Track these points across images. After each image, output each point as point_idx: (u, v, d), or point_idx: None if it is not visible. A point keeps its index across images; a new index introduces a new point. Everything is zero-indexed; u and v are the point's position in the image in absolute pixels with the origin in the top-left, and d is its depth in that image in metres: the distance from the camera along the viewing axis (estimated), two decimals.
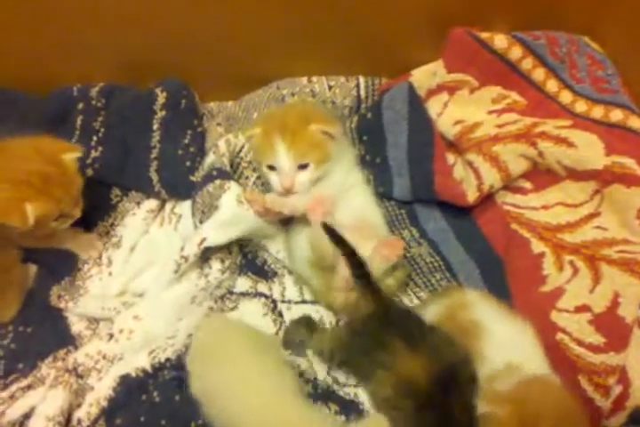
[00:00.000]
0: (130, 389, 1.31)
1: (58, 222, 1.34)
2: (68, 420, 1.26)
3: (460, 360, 1.15)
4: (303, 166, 1.36)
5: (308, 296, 1.46)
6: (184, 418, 1.25)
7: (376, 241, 1.36)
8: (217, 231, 1.38)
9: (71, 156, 1.33)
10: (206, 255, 1.42)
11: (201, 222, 1.43)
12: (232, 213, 1.38)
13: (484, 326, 1.20)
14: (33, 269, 1.50)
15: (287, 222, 1.50)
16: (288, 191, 1.38)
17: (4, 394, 1.31)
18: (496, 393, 1.11)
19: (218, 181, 1.43)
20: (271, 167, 1.40)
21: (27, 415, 1.27)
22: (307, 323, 1.34)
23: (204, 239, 1.37)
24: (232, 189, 1.40)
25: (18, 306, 1.44)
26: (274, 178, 1.40)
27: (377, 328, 1.18)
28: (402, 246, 1.36)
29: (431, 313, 1.28)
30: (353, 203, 1.46)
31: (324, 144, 1.38)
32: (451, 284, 1.45)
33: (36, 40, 1.62)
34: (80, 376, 1.32)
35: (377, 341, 1.16)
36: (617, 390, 1.25)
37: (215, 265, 1.43)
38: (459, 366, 1.14)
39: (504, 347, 1.19)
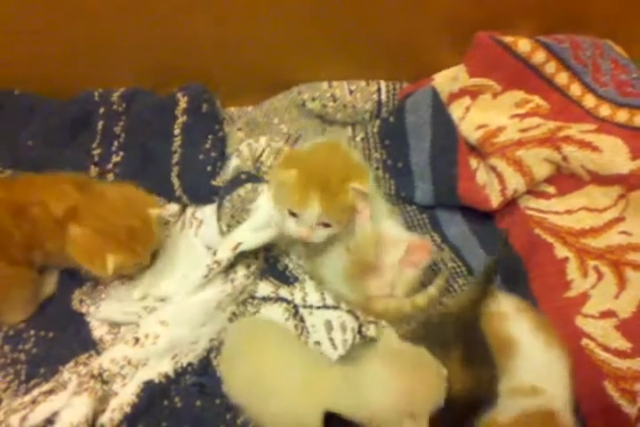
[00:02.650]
0: (153, 394, 1.30)
1: (132, 268, 1.39)
2: (92, 425, 1.25)
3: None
4: (326, 224, 1.29)
5: (329, 301, 1.44)
6: (205, 424, 1.25)
7: (404, 245, 1.36)
8: (252, 235, 1.38)
9: (156, 211, 1.36)
10: (232, 261, 1.41)
11: (228, 227, 1.43)
12: (269, 215, 1.37)
13: (518, 344, 1.18)
14: (54, 274, 1.49)
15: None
16: (302, 240, 1.33)
17: (26, 398, 1.30)
18: (497, 424, 1.08)
19: (249, 185, 1.43)
20: (293, 214, 1.30)
21: (49, 420, 1.25)
22: None
23: (239, 244, 1.36)
24: (266, 192, 1.41)
25: (30, 308, 1.44)
26: (292, 224, 1.30)
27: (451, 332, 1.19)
28: (430, 248, 1.36)
29: None
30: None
31: (353, 206, 1.29)
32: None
33: (56, 44, 1.61)
34: (105, 382, 1.31)
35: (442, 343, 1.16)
36: None
37: (241, 270, 1.42)
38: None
39: (533, 372, 1.16)
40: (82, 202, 1.31)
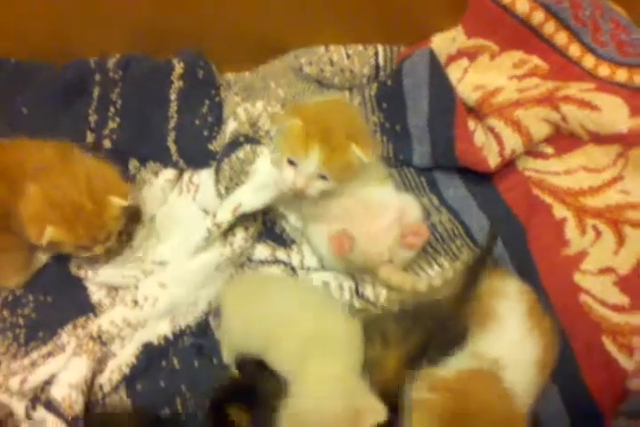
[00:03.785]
0: (151, 356, 1.31)
1: (73, 250, 1.34)
2: (91, 386, 1.25)
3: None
4: (324, 177, 1.29)
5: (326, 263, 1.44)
6: (203, 384, 1.26)
7: (397, 229, 1.35)
8: (252, 196, 1.37)
9: (119, 201, 1.30)
10: (232, 223, 1.41)
11: (227, 189, 1.43)
12: (269, 176, 1.37)
13: (500, 320, 1.15)
14: None
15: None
16: (297, 192, 1.30)
17: (26, 361, 1.31)
18: (439, 378, 1.06)
19: (248, 147, 1.42)
20: (291, 162, 1.29)
21: (48, 382, 1.26)
22: None
23: (239, 205, 1.36)
24: (265, 154, 1.41)
25: (24, 274, 1.44)
26: (288, 173, 1.29)
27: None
28: (427, 233, 1.35)
29: None
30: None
31: (354, 166, 1.29)
32: (471, 250, 1.42)
33: (51, 11, 1.60)
34: (104, 344, 1.31)
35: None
36: None
37: (239, 233, 1.42)
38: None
39: (499, 350, 1.13)
40: (53, 167, 1.28)
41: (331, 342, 1.12)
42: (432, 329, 1.13)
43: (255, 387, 1.14)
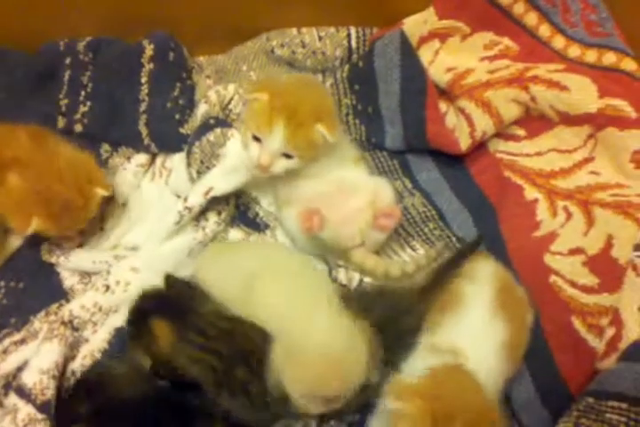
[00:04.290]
0: (124, 341, 1.30)
1: (56, 238, 1.35)
2: (63, 372, 1.25)
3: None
4: (288, 155, 1.29)
5: (298, 248, 1.44)
6: None
7: (370, 211, 1.35)
8: (223, 179, 1.37)
9: (102, 192, 1.30)
10: (203, 207, 1.40)
11: (199, 173, 1.42)
12: (239, 159, 1.36)
13: (465, 305, 1.15)
14: None
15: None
16: (261, 169, 1.30)
17: None
18: (409, 386, 1.03)
19: (218, 130, 1.42)
20: (257, 138, 1.29)
21: (20, 369, 1.25)
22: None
23: (210, 188, 1.36)
24: (236, 136, 1.40)
25: None
26: (254, 149, 1.30)
27: None
28: (399, 215, 1.34)
29: None
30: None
31: (318, 145, 1.29)
32: (444, 232, 1.44)
33: None
34: (76, 329, 1.31)
35: None
36: (610, 332, 1.24)
37: (212, 218, 1.42)
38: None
39: (462, 336, 1.13)
40: (32, 156, 1.27)
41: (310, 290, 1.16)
42: (384, 319, 1.14)
43: (183, 302, 1.15)
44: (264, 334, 1.12)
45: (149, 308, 1.15)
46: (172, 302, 1.15)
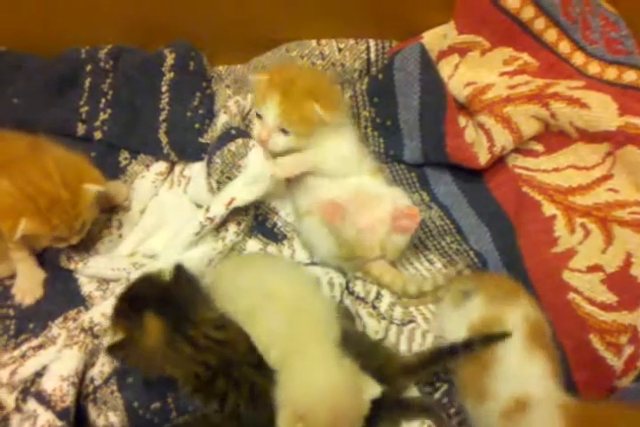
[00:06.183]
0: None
1: (49, 241, 1.32)
2: (82, 378, 1.25)
3: None
4: (285, 131, 1.37)
5: (317, 259, 1.45)
6: None
7: (388, 213, 1.36)
8: (245, 190, 1.38)
9: (93, 188, 1.29)
10: (224, 218, 1.41)
11: (219, 183, 1.42)
12: (261, 169, 1.37)
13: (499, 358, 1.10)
14: None
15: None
16: (261, 143, 1.40)
17: (16, 353, 1.30)
18: None
19: (240, 140, 1.42)
20: (259, 116, 1.40)
21: (38, 374, 1.26)
22: None
23: (233, 199, 1.36)
24: (257, 147, 1.41)
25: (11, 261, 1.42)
26: (256, 125, 1.42)
27: None
28: (418, 214, 1.35)
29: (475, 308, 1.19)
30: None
31: (313, 123, 1.36)
32: (462, 246, 1.43)
33: (43, 1, 1.60)
34: (95, 336, 1.31)
35: None
36: (628, 350, 1.24)
37: (232, 228, 1.42)
38: None
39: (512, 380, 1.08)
40: (22, 161, 1.26)
41: (315, 323, 1.13)
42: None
43: (182, 304, 1.13)
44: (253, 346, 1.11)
45: (148, 298, 1.13)
46: (171, 301, 1.13)
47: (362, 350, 1.11)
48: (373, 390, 1.02)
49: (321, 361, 1.05)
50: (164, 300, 1.12)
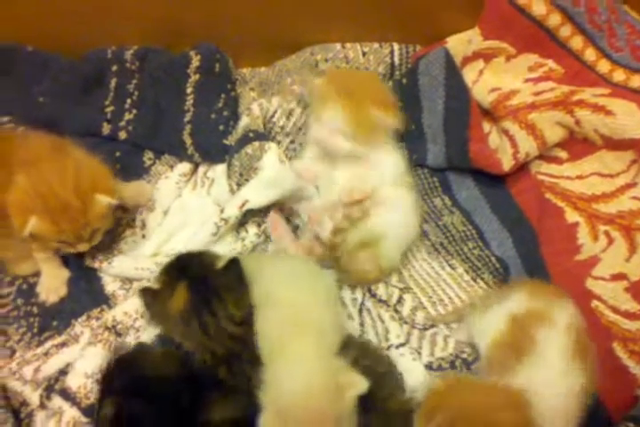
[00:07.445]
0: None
1: (56, 245, 1.32)
2: None
3: None
4: (345, 135, 1.36)
5: None
6: None
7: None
8: (259, 193, 1.39)
9: (104, 199, 1.28)
10: (244, 219, 1.43)
11: (238, 185, 1.44)
12: (275, 173, 1.38)
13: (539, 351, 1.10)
14: None
15: None
16: (321, 144, 1.39)
17: (39, 350, 1.32)
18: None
19: (257, 143, 1.44)
20: (317, 119, 1.40)
21: (62, 371, 1.28)
22: None
23: (246, 201, 1.38)
24: (273, 150, 1.42)
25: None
26: (316, 129, 1.41)
27: None
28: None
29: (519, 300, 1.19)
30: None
31: (374, 126, 1.38)
32: (484, 252, 1.44)
33: (72, 1, 1.61)
34: (119, 334, 1.32)
35: None
36: None
37: (252, 229, 1.44)
38: None
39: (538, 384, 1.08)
40: (43, 161, 1.27)
41: (309, 323, 1.14)
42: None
43: (217, 291, 1.15)
44: None
45: (194, 271, 1.16)
46: (209, 284, 1.15)
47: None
48: (360, 385, 1.03)
49: (300, 363, 1.07)
50: (203, 280, 1.15)
